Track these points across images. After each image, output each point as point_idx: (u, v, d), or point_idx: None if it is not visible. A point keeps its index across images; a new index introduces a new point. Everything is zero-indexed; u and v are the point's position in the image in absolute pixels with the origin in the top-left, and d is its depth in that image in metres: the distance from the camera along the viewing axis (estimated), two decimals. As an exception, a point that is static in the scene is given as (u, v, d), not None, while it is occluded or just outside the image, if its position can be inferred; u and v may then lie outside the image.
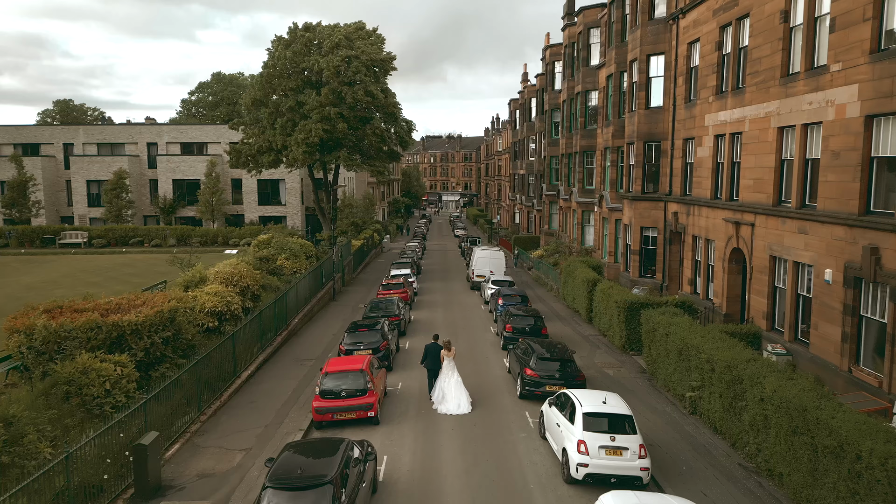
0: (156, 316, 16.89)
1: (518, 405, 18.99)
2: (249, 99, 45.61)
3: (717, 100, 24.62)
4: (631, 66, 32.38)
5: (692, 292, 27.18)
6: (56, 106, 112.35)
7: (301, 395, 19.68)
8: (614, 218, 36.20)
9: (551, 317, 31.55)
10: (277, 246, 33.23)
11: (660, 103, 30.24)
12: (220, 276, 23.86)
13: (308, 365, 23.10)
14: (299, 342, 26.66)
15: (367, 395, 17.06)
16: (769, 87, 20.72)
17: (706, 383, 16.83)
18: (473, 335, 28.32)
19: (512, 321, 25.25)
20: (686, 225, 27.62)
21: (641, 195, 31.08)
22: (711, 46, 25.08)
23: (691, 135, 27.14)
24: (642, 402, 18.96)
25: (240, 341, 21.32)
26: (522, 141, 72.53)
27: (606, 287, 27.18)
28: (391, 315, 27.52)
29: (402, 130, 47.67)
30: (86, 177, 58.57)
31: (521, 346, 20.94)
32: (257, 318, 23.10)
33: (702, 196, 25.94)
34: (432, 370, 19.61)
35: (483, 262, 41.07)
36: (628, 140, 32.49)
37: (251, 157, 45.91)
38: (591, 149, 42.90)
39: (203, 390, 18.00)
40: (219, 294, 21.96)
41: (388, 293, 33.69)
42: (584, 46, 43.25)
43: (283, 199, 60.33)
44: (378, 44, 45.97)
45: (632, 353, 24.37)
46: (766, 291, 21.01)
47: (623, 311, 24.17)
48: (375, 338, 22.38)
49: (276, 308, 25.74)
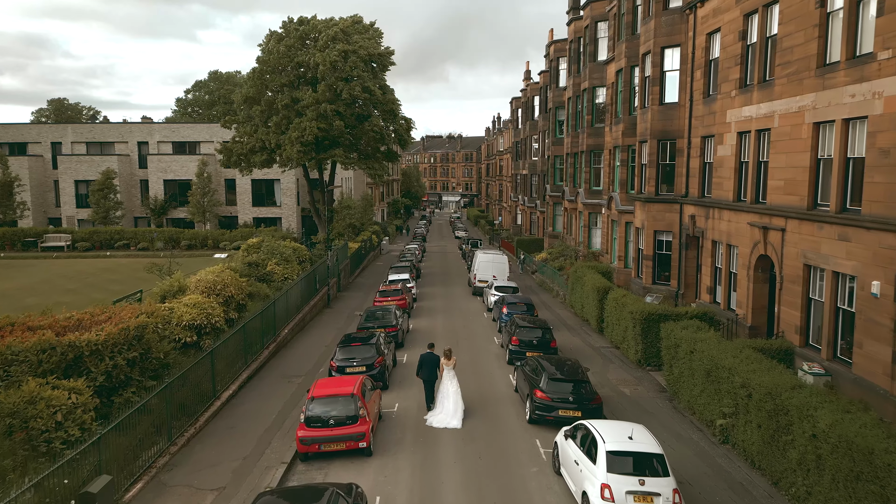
0: (120, 334, 14.99)
1: (527, 431, 17.08)
2: (241, 96, 43.67)
3: (741, 94, 22.71)
4: (643, 60, 30.47)
5: (711, 301, 25.27)
6: (50, 105, 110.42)
7: (287, 419, 17.78)
8: (624, 220, 34.28)
9: (558, 326, 29.66)
10: (268, 250, 31.33)
11: (675, 99, 28.32)
12: (202, 285, 21.96)
13: (296, 382, 21.18)
14: (289, 355, 24.74)
15: (359, 423, 15.15)
16: (803, 78, 18.80)
17: (741, 410, 14.93)
18: (476, 346, 26.42)
19: (518, 333, 23.35)
20: (705, 229, 25.72)
21: (655, 197, 29.17)
22: (734, 36, 23.17)
23: (710, 132, 25.24)
24: (665, 428, 17.07)
25: (220, 357, 19.42)
26: (525, 140, 70.62)
27: (619, 296, 25.28)
28: (388, 325, 25.64)
29: (401, 128, 45.70)
30: (74, 177, 56.61)
31: (530, 363, 19.02)
32: (241, 331, 21.20)
33: (723, 198, 24.04)
34: (429, 381, 18.49)
35: (485, 267, 39.18)
36: (640, 138, 30.59)
37: (243, 157, 43.95)
38: (599, 148, 40.99)
39: (175, 415, 16.10)
40: (198, 305, 20.05)
41: (385, 300, 31.84)
42: (592, 41, 41.34)
43: (278, 200, 58.41)
44: (376, 38, 44.05)
45: (648, 368, 22.47)
46: (799, 303, 19.08)
47: (639, 322, 22.28)
48: (370, 353, 20.49)
49: (264, 319, 23.83)
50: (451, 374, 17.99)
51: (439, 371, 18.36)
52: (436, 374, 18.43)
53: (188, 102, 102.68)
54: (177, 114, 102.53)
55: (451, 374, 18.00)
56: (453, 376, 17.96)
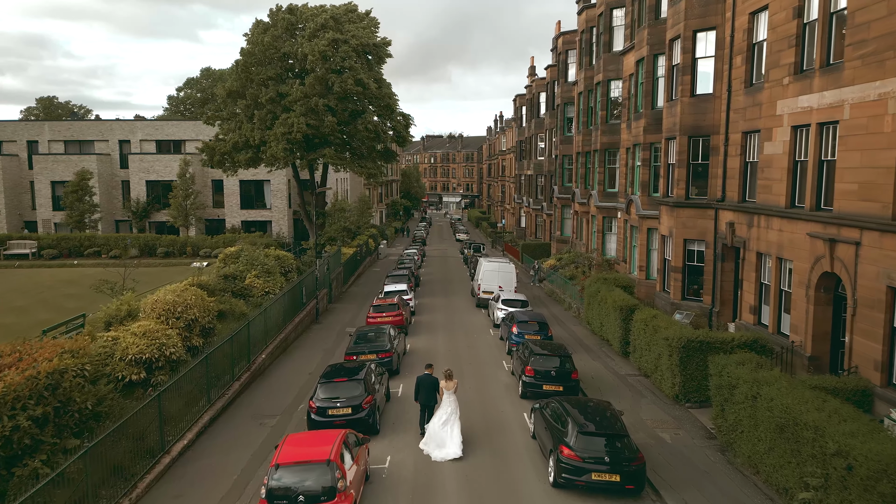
0: (26, 383, 11.54)
1: (552, 499, 13.60)
2: (225, 90, 40.17)
3: (797, 81, 19.22)
4: (670, 47, 26.99)
5: (756, 323, 21.78)
6: (39, 104, 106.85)
7: (252, 479, 14.33)
8: (646, 226, 30.80)
9: (575, 346, 26.21)
10: (247, 261, 27.84)
11: (709, 90, 24.84)
12: (159, 307, 18.48)
13: (269, 425, 17.70)
14: (264, 387, 21.26)
15: (337, 499, 11.68)
16: (885, 59, 15.32)
17: (834, 485, 11.46)
18: (482, 373, 22.96)
19: (533, 362, 19.88)
20: (747, 238, 22.24)
21: (685, 201, 25.70)
22: (787, 14, 19.69)
23: (755, 126, 21.76)
24: (724, 494, 13.60)
25: (175, 398, 15.97)
26: (530, 139, 67.09)
27: (649, 317, 21.81)
28: (380, 350, 22.17)
29: (399, 125, 42.20)
30: (50, 177, 53.02)
31: (552, 407, 15.55)
32: (204, 362, 17.73)
33: (772, 203, 20.56)
34: (427, 406, 16.90)
35: (491, 277, 35.74)
36: (667, 134, 27.12)
37: (227, 156, 40.47)
38: (615, 146, 37.50)
39: (107, 481, 12.66)
40: (149, 335, 16.57)
41: (379, 316, 28.39)
42: (606, 29, 37.84)
43: (268, 203, 54.89)
44: (371, 27, 40.57)
45: (688, 405, 19.00)
46: (880, 334, 15.60)
47: (677, 351, 18.80)
48: (357, 391, 17.01)
49: (236, 344, 20.37)
50: (451, 401, 16.21)
51: (438, 395, 16.60)
52: (435, 399, 16.74)
53: (180, 100, 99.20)
54: (168, 112, 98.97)
55: (450, 399, 16.22)
56: (453, 403, 16.21)
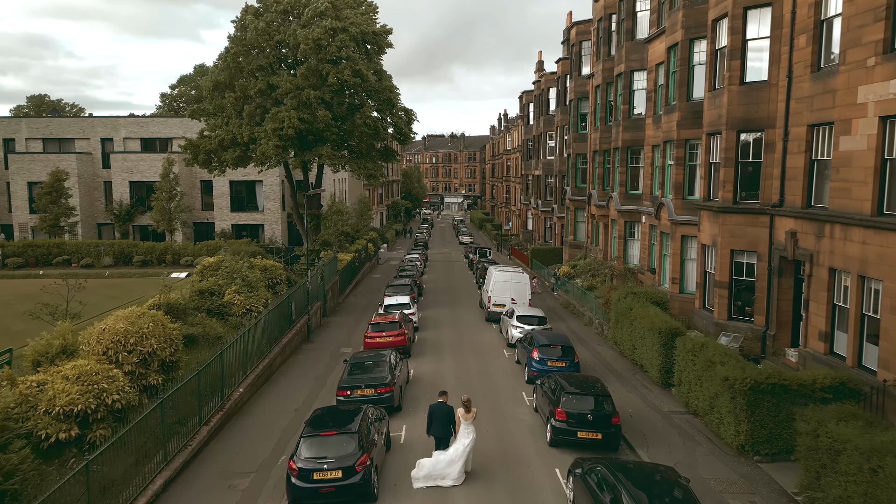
0: None
1: None
2: (211, 82, 36.72)
3: (887, 62, 15.72)
4: (714, 28, 23.49)
5: (827, 352, 18.23)
6: (30, 102, 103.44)
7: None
8: (680, 234, 27.27)
9: (603, 372, 22.78)
10: (227, 273, 24.35)
11: (762, 76, 21.33)
12: (106, 338, 14.98)
13: (240, 489, 14.18)
14: (240, 431, 17.74)
15: None
16: None
17: None
18: (500, 409, 19.44)
19: (565, 403, 16.33)
20: (815, 251, 18.72)
21: (732, 205, 22.20)
22: (873, -20, 16.19)
23: (826, 118, 18.24)
24: None
25: (119, 458, 12.47)
26: (538, 137, 63.53)
27: (697, 346, 18.30)
28: (379, 384, 18.68)
29: (401, 121, 38.70)
30: (27, 178, 49.45)
31: (599, 476, 12.02)
32: (158, 408, 14.21)
33: (851, 209, 17.03)
34: (442, 439, 15.00)
35: (502, 288, 32.26)
36: (709, 129, 23.62)
37: (212, 154, 37.02)
38: (638, 143, 33.99)
39: None
40: (85, 377, 13.07)
41: (378, 336, 24.93)
42: (629, 15, 34.32)
43: (260, 205, 51.38)
44: (370, 14, 37.15)
45: (757, 458, 15.49)
46: None
47: (743, 395, 15.29)
48: (349, 448, 13.51)
49: (204, 380, 16.85)
50: (471, 429, 14.61)
51: (455, 427, 14.84)
52: (450, 431, 14.96)
53: (173, 98, 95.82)
54: (161, 110, 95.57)
55: (468, 430, 14.58)
56: (472, 431, 14.63)
